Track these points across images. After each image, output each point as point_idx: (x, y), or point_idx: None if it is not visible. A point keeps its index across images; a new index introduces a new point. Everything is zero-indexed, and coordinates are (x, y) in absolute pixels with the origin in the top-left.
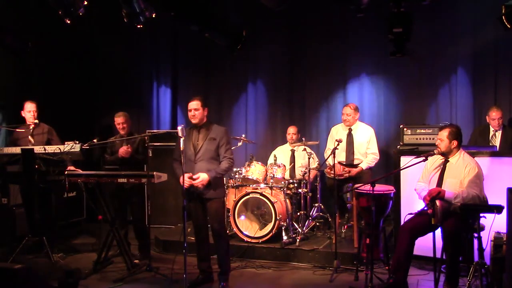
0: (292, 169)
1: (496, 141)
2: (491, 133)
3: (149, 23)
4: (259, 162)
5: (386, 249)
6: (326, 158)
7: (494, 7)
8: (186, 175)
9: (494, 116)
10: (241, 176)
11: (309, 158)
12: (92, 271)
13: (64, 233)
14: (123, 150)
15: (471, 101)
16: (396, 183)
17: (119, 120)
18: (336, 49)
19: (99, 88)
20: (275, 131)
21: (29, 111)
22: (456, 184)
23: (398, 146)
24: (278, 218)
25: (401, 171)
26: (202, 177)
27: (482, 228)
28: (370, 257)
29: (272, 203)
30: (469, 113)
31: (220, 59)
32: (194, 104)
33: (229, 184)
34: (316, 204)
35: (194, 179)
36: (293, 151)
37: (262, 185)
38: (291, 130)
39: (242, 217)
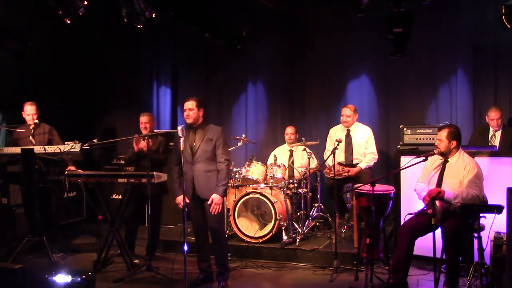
0: (291, 169)
1: (496, 141)
2: (491, 133)
3: (149, 23)
4: (259, 162)
5: (386, 249)
6: (325, 158)
7: (494, 7)
8: (180, 198)
9: (493, 117)
10: (241, 176)
11: (309, 158)
12: (92, 271)
13: (64, 233)
14: (142, 143)
15: (471, 101)
16: (396, 183)
17: (143, 119)
18: (336, 49)
19: (99, 88)
20: (275, 131)
21: (28, 114)
22: (455, 184)
23: (398, 146)
24: (278, 218)
25: (401, 171)
26: (215, 201)
27: (482, 228)
28: (370, 257)
29: (272, 203)
30: (469, 113)
31: (220, 59)
32: (189, 104)
33: (229, 184)
34: (316, 204)
35: (208, 205)
36: (291, 152)
37: (262, 185)
38: (289, 130)
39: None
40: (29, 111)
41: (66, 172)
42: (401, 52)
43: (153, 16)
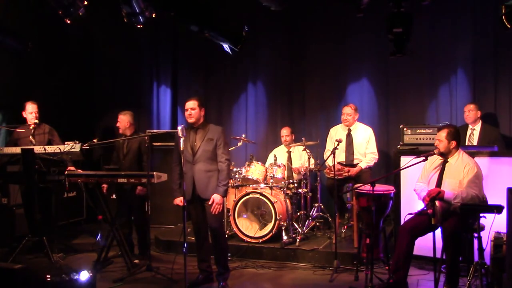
0: (290, 170)
1: (474, 139)
2: (469, 131)
3: (149, 23)
4: (259, 162)
5: (386, 249)
6: (325, 158)
7: (494, 7)
8: (178, 199)
9: (465, 109)
10: (241, 176)
11: (309, 158)
12: (92, 271)
13: (64, 233)
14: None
15: (471, 101)
16: (396, 183)
17: (118, 119)
18: (336, 49)
19: (99, 88)
20: (275, 131)
21: (31, 112)
22: (455, 184)
23: (398, 146)
24: (278, 218)
25: (401, 171)
26: (216, 201)
27: (482, 228)
28: (370, 257)
29: (272, 203)
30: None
31: (220, 59)
32: (190, 104)
33: (229, 184)
34: (316, 204)
35: (209, 205)
36: (289, 153)
37: (262, 185)
38: (284, 132)
39: (244, 216)
40: (32, 109)
41: (66, 172)
42: (401, 52)
43: (153, 16)
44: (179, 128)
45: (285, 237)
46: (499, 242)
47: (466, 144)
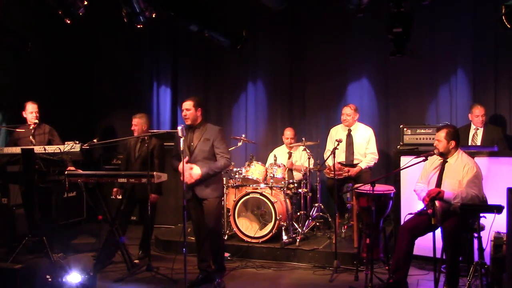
0: (290, 171)
1: (478, 140)
2: (472, 131)
3: (149, 23)
4: (259, 162)
5: (386, 249)
6: (325, 158)
7: (494, 7)
8: (186, 165)
9: (477, 113)
10: (241, 176)
11: (309, 159)
12: (92, 271)
13: (64, 233)
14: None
15: (471, 101)
16: (396, 183)
17: (132, 122)
18: (336, 49)
19: (99, 88)
20: (275, 131)
21: (31, 112)
22: (455, 184)
23: (398, 146)
24: (278, 218)
25: (401, 171)
26: (193, 172)
27: (482, 228)
28: (370, 257)
29: (272, 203)
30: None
31: (220, 59)
32: (186, 104)
33: (229, 184)
34: (316, 204)
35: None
36: (290, 153)
37: (262, 185)
38: (288, 134)
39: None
40: (32, 109)
41: (66, 172)
42: (401, 52)
43: (153, 16)
44: (179, 128)
45: (285, 237)
46: (499, 242)
47: (470, 144)
